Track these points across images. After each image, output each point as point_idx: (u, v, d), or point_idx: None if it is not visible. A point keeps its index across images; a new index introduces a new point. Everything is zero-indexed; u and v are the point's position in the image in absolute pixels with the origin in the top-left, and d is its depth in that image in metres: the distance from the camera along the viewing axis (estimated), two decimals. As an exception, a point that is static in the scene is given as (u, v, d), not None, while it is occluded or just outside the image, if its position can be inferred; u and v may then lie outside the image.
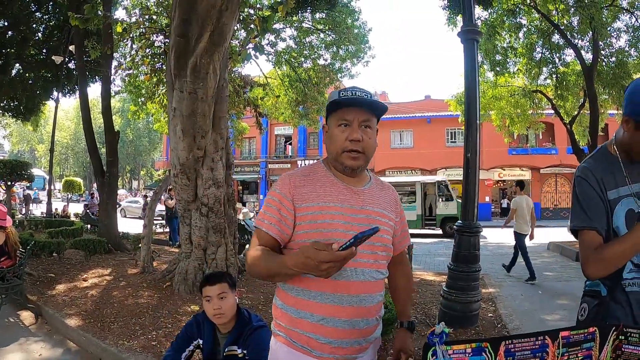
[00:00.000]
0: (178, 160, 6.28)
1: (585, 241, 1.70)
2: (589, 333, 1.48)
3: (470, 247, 4.60)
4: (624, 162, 1.74)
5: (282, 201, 1.65)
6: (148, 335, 4.74)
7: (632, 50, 13.33)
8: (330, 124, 1.72)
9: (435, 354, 1.35)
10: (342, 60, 15.60)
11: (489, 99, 16.11)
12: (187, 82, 5.79)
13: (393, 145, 32.82)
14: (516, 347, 1.41)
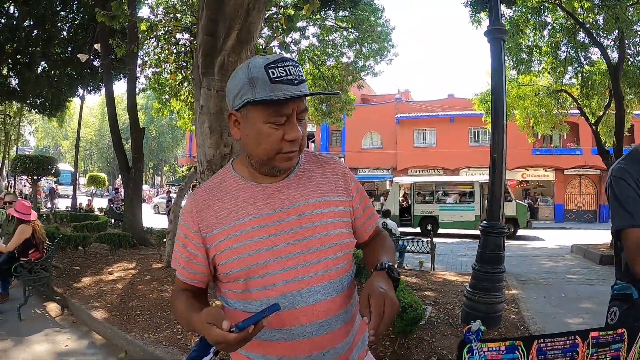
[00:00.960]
0: (205, 157, 6.36)
1: (633, 240, 1.67)
2: (617, 334, 1.48)
3: (495, 248, 4.58)
4: None
5: (188, 234, 1.31)
6: (173, 329, 4.81)
7: None
8: (251, 117, 1.24)
9: (471, 351, 1.35)
10: (365, 58, 15.45)
11: (513, 98, 15.81)
12: (215, 80, 5.88)
13: (416, 144, 32.62)
14: (548, 346, 1.42)
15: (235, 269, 1.24)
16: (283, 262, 1.24)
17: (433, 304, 5.83)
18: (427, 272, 8.75)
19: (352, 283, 1.39)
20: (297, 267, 1.24)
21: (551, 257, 12.17)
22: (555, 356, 1.42)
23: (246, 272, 1.23)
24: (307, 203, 1.31)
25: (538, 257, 12.40)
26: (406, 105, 33.79)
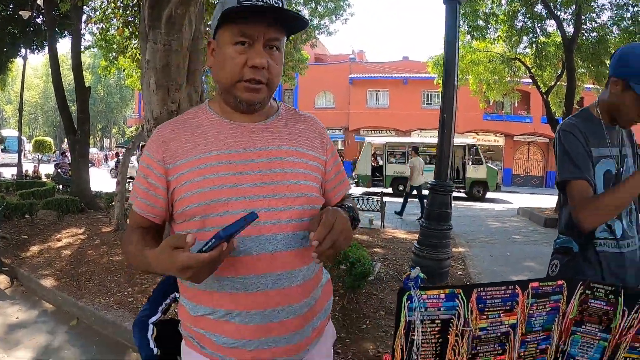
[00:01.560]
0: (152, 115, 6.17)
1: (577, 192, 1.72)
2: (557, 286, 1.53)
3: (442, 206, 4.71)
4: (605, 124, 1.81)
5: (151, 165, 1.22)
6: (124, 292, 4.79)
7: (614, 27, 13.38)
8: (221, 41, 1.19)
9: (410, 299, 1.36)
10: (321, 16, 15.28)
11: (467, 63, 16.07)
12: (162, 34, 5.66)
13: (369, 105, 32.83)
14: (488, 294, 1.45)
15: (194, 203, 1.15)
16: (246, 203, 1.15)
17: (382, 260, 5.99)
18: (377, 230, 8.99)
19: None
20: (260, 210, 1.13)
21: (498, 219, 12.69)
22: (495, 305, 1.46)
23: (204, 208, 1.15)
24: (280, 149, 1.24)
25: (486, 217, 12.92)
26: (360, 65, 33.69)
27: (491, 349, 1.47)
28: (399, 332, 1.36)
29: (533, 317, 1.50)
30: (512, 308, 1.47)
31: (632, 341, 1.44)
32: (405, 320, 1.36)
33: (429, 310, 1.38)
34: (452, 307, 1.40)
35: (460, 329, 1.41)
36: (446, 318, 1.40)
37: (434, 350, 1.42)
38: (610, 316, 1.46)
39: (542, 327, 1.52)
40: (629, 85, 1.67)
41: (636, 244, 1.85)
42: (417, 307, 1.36)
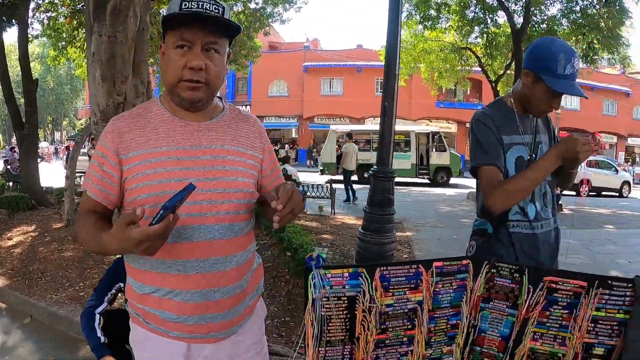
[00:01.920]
0: (98, 107, 6.07)
1: (487, 176, 1.82)
2: (462, 265, 1.64)
3: (384, 192, 4.79)
4: (518, 114, 1.91)
5: (106, 154, 1.32)
6: (75, 287, 4.80)
7: (563, 19, 13.89)
8: (167, 44, 1.33)
9: (316, 278, 1.46)
10: (274, 4, 15.20)
11: (419, 51, 16.42)
12: (106, 26, 5.56)
13: (322, 93, 33.07)
14: (391, 273, 1.54)
15: (144, 194, 1.27)
16: (190, 196, 1.22)
17: (330, 245, 6.13)
18: (327, 217, 9.15)
19: (250, 233, 1.48)
20: (201, 203, 1.29)
21: (449, 203, 13.11)
22: (399, 283, 1.55)
23: (153, 198, 1.25)
24: (223, 148, 1.38)
25: (437, 202, 13.30)
26: (314, 53, 33.86)
27: (400, 324, 1.58)
28: (307, 308, 1.46)
29: (440, 295, 1.61)
30: (417, 286, 1.57)
31: (540, 317, 1.55)
32: (312, 297, 1.46)
33: (334, 288, 1.48)
34: (356, 285, 1.50)
35: (366, 305, 1.51)
36: (352, 295, 1.50)
37: (344, 325, 1.52)
38: (516, 293, 1.58)
39: (451, 303, 1.63)
40: (540, 78, 1.76)
41: (551, 225, 1.94)
42: (319, 285, 1.46)
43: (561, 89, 1.75)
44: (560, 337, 1.55)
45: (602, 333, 1.53)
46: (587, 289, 1.51)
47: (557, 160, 1.72)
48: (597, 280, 1.51)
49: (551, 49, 1.76)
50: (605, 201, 16.69)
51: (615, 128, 35.30)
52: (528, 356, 1.58)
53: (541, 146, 1.94)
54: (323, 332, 1.49)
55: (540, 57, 1.78)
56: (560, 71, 1.74)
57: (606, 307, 1.51)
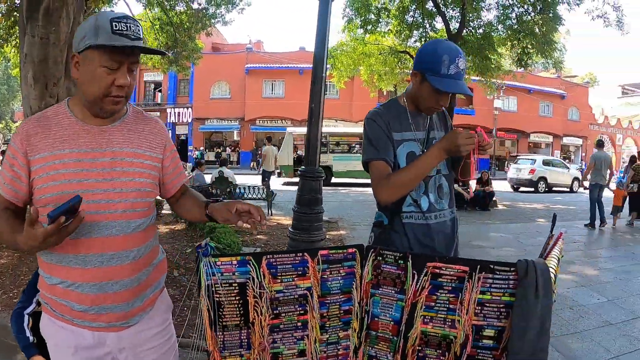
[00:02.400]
0: (30, 110, 5.96)
1: (376, 171, 1.91)
2: (348, 253, 1.73)
3: (312, 191, 4.92)
4: (411, 112, 2.02)
5: (16, 155, 1.41)
6: (9, 294, 4.67)
7: (499, 25, 14.50)
8: (89, 59, 1.39)
9: (206, 265, 1.54)
10: (217, 5, 14.85)
11: (359, 55, 16.68)
12: (39, 27, 5.52)
13: (264, 95, 32.90)
14: (277, 261, 1.63)
15: (48, 194, 1.38)
16: (89, 195, 1.38)
17: (263, 245, 6.19)
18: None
19: (150, 229, 1.58)
20: (99, 202, 1.41)
21: (387, 203, 13.31)
22: (286, 270, 1.64)
23: (56, 197, 1.35)
24: (122, 150, 1.48)
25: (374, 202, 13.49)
26: (257, 55, 33.54)
27: (292, 309, 1.67)
28: (201, 294, 1.54)
29: (329, 281, 1.70)
30: (305, 273, 1.66)
31: (427, 301, 1.64)
32: (204, 284, 1.54)
33: (225, 275, 1.56)
34: (245, 272, 1.59)
35: (257, 291, 1.59)
36: (242, 282, 1.58)
37: (238, 310, 1.60)
38: (402, 279, 1.67)
39: (341, 290, 1.73)
40: (425, 78, 1.86)
41: (446, 216, 2.03)
42: (203, 271, 1.54)
43: (444, 88, 1.84)
44: (450, 320, 1.63)
45: (490, 315, 1.60)
46: (469, 274, 1.59)
47: (441, 153, 1.80)
48: (479, 265, 1.59)
49: (436, 51, 1.86)
50: (541, 197, 17.70)
51: (551, 128, 37.38)
52: (421, 339, 1.66)
53: (434, 142, 1.99)
54: (219, 318, 1.57)
55: (425, 58, 1.88)
56: (444, 71, 1.83)
57: (491, 290, 1.59)
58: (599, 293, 5.29)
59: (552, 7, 12.91)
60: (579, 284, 5.60)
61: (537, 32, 13.25)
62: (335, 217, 9.63)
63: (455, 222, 2.10)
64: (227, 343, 1.62)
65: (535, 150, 36.19)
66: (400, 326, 1.68)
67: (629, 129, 42.42)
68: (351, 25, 15.14)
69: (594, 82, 53.51)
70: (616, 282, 5.79)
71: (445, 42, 1.92)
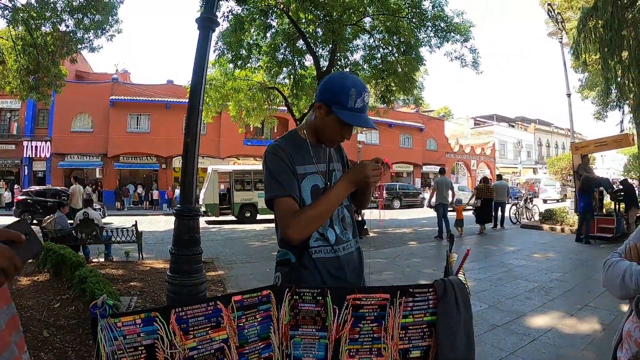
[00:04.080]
0: None
1: (282, 208, 1.79)
2: (263, 296, 1.60)
3: (190, 231, 4.59)
4: (312, 144, 1.95)
5: None
6: None
7: (365, 64, 15.35)
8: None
9: (107, 328, 1.26)
10: (86, 29, 13.77)
11: (228, 89, 16.60)
12: None
13: (129, 129, 30.93)
14: (188, 314, 1.43)
15: None
16: None
17: (139, 293, 5.64)
18: (134, 262, 8.44)
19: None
20: None
21: (259, 238, 13.33)
22: (199, 322, 1.44)
23: None
24: None
25: (247, 238, 13.38)
26: (123, 87, 31.52)
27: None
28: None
29: (245, 329, 1.53)
30: (219, 323, 1.47)
31: (351, 334, 1.59)
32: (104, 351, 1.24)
33: (127, 338, 1.29)
34: (152, 332, 1.34)
35: (167, 352, 1.34)
36: (149, 343, 1.33)
37: (150, 378, 1.33)
38: (322, 316, 1.59)
39: (259, 336, 1.57)
40: (332, 111, 1.83)
41: (352, 247, 1.99)
42: (103, 336, 1.26)
43: (351, 121, 1.84)
44: (376, 349, 1.61)
45: (414, 337, 1.63)
46: (391, 300, 1.61)
47: (350, 186, 1.80)
48: (399, 290, 1.62)
49: (344, 84, 1.84)
50: (408, 221, 18.91)
51: (411, 158, 41.32)
52: None
53: (335, 173, 2.02)
54: None
55: (332, 90, 1.85)
56: (351, 104, 1.82)
57: (413, 313, 1.63)
58: (480, 301, 5.68)
59: (414, 49, 13.97)
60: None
61: (399, 71, 14.29)
62: (210, 257, 9.21)
63: (360, 251, 2.07)
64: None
65: (398, 179, 39.76)
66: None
67: (482, 155, 48.19)
68: (222, 60, 14.98)
69: (449, 115, 60.89)
70: (492, 289, 6.33)
71: (350, 75, 1.91)
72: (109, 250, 9.15)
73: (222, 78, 16.24)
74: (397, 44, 14.12)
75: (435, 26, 13.69)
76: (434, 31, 13.86)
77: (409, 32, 13.56)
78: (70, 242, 8.20)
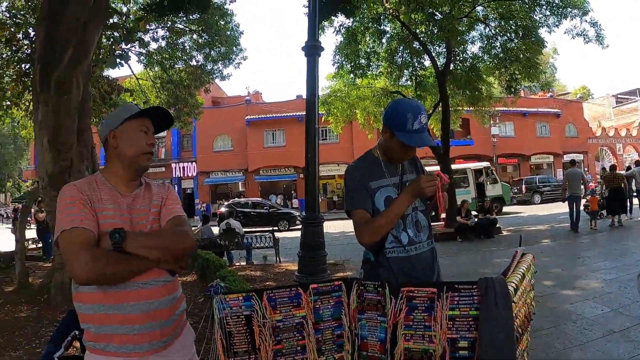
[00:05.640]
0: (46, 172, 6.31)
1: (356, 218, 2.14)
2: (335, 285, 2.05)
3: (315, 236, 5.19)
4: (384, 162, 2.31)
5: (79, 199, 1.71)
6: (32, 344, 4.92)
7: (485, 55, 14.92)
8: (128, 129, 1.81)
9: (218, 302, 1.88)
10: (214, 61, 15.51)
11: (353, 99, 17.21)
12: (52, 97, 5.87)
13: (266, 145, 33.50)
14: (276, 295, 1.97)
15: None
16: None
17: (272, 291, 6.44)
18: (272, 265, 9.36)
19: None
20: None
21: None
22: (284, 302, 1.98)
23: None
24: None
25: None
26: (256, 107, 34.32)
27: (292, 336, 2.00)
28: (215, 327, 1.89)
29: (320, 310, 2.03)
30: (300, 304, 2.01)
31: (405, 321, 1.89)
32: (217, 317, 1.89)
33: (233, 309, 1.92)
34: (250, 306, 1.94)
35: (260, 321, 1.93)
36: (248, 314, 1.93)
37: (246, 338, 1.94)
38: (383, 304, 1.95)
39: (332, 317, 2.05)
40: (394, 134, 2.12)
41: (425, 247, 2.24)
42: (216, 307, 1.89)
43: (411, 143, 2.10)
44: (427, 335, 1.82)
45: (461, 328, 1.79)
46: (438, 294, 1.82)
47: (409, 197, 2.07)
48: (445, 285, 1.83)
49: (400, 109, 2.11)
50: (546, 217, 17.48)
51: (550, 148, 36.84)
52: (405, 355, 1.86)
53: (407, 184, 2.22)
54: (231, 346, 1.90)
55: (392, 117, 2.13)
56: (409, 127, 2.07)
57: (459, 306, 1.79)
58: (602, 304, 5.35)
59: (533, 31, 13.28)
60: (582, 298, 5.66)
61: (521, 57, 13.60)
62: (341, 259, 9.84)
63: (434, 251, 2.32)
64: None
65: (538, 172, 36.00)
66: (386, 345, 1.91)
67: (628, 137, 41.65)
68: (342, 71, 15.52)
69: (588, 96, 52.69)
70: (620, 291, 5.83)
71: (408, 100, 2.22)
72: (250, 255, 10.39)
73: (345, 89, 16.88)
74: (514, 28, 13.63)
75: (549, 3, 12.94)
76: (549, 9, 13.11)
77: (523, 15, 13.02)
78: (215, 249, 9.50)
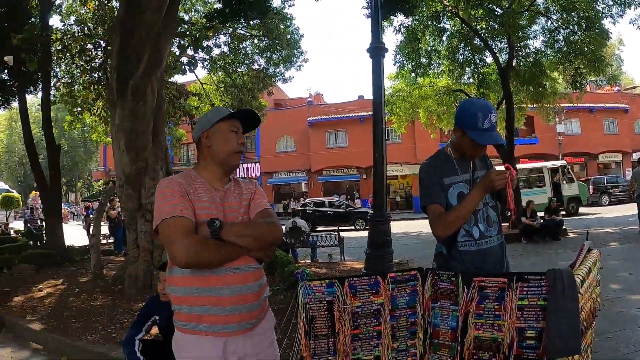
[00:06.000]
0: (123, 172, 6.82)
1: (431, 212, 2.25)
2: (411, 275, 2.18)
3: (382, 235, 5.27)
4: (456, 159, 2.41)
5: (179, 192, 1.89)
6: (108, 329, 5.29)
7: (548, 49, 14.36)
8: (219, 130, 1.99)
9: (304, 287, 2.04)
10: (276, 65, 15.89)
11: (416, 98, 17.08)
12: (128, 102, 6.36)
13: (329, 145, 33.84)
14: (357, 283, 2.12)
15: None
16: None
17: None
18: (337, 263, 9.58)
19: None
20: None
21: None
22: (363, 289, 2.13)
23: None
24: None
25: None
26: (318, 108, 34.72)
27: (369, 321, 2.14)
28: (299, 310, 2.06)
29: (397, 298, 2.16)
30: (378, 292, 2.15)
31: (476, 310, 1.98)
32: (301, 302, 2.05)
33: (316, 295, 2.08)
34: (332, 292, 2.10)
35: (341, 306, 2.09)
36: (330, 299, 2.09)
37: (327, 323, 2.09)
38: (455, 293, 2.05)
39: (407, 305, 2.18)
40: (466, 133, 2.23)
41: (495, 242, 2.33)
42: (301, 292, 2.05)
43: (481, 141, 2.21)
44: (497, 324, 1.89)
45: (530, 318, 1.84)
46: (508, 284, 1.89)
47: (481, 192, 2.16)
48: (515, 276, 1.90)
49: (470, 109, 2.22)
50: (615, 219, 16.62)
51: (618, 146, 34.47)
52: (474, 343, 1.93)
53: (479, 180, 2.30)
54: (312, 329, 2.06)
55: (463, 116, 2.25)
56: (480, 126, 2.17)
57: (528, 296, 1.85)
58: None
59: (596, 22, 12.74)
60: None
61: (585, 50, 13.05)
62: (406, 258, 9.87)
63: (503, 246, 2.40)
64: (317, 350, 2.07)
65: (606, 172, 33.75)
66: (457, 333, 1.99)
67: None
68: (403, 71, 15.50)
69: None
70: None
71: (478, 100, 2.33)
72: (315, 253, 10.64)
73: (407, 88, 16.78)
74: (576, 20, 13.04)
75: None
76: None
77: (586, 6, 12.46)
78: (282, 247, 9.79)
